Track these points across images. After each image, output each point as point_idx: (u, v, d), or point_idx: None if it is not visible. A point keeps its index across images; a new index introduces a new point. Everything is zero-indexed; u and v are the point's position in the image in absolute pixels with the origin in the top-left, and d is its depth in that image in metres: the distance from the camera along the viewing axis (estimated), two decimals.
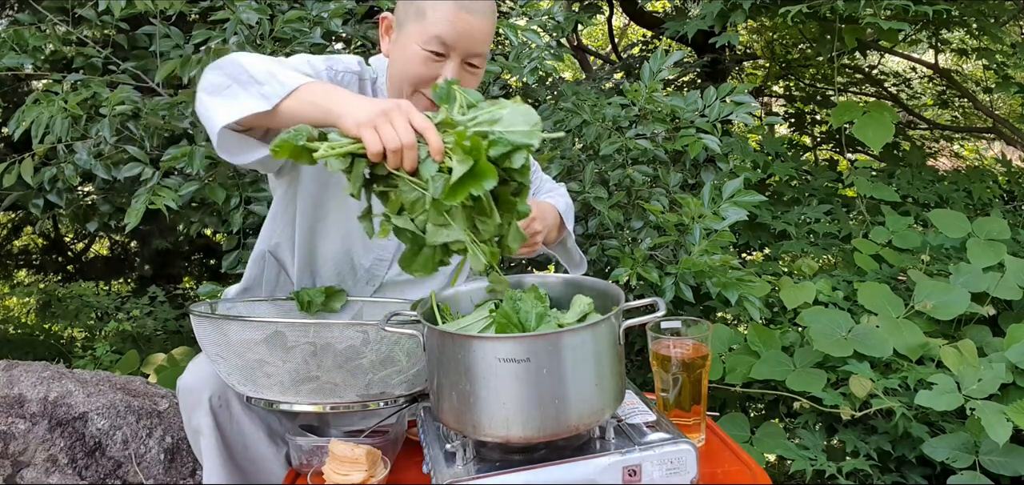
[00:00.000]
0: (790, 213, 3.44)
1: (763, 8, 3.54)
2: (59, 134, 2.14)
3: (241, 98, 1.22)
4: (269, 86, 1.21)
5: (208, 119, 1.26)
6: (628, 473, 1.17)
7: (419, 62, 1.38)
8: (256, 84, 1.22)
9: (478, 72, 1.44)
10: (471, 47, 1.38)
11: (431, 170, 1.10)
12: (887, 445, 2.19)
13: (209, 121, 1.26)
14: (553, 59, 2.50)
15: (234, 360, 1.32)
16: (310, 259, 1.58)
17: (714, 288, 2.12)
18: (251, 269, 1.63)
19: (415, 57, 1.38)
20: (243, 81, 1.23)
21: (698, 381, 1.37)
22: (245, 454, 1.46)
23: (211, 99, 1.26)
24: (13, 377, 2.07)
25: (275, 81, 1.21)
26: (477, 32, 1.38)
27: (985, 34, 4.05)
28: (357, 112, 1.12)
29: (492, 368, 1.11)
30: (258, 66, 1.24)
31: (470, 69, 1.42)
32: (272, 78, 1.22)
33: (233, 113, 1.22)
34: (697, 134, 2.22)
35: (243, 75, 1.23)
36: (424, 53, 1.37)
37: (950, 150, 6.13)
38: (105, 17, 2.36)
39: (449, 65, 1.38)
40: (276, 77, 1.22)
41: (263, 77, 1.22)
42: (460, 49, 1.37)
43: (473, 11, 1.37)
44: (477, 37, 1.38)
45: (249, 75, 1.23)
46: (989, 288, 2.50)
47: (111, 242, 5.17)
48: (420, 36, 1.37)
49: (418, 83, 1.39)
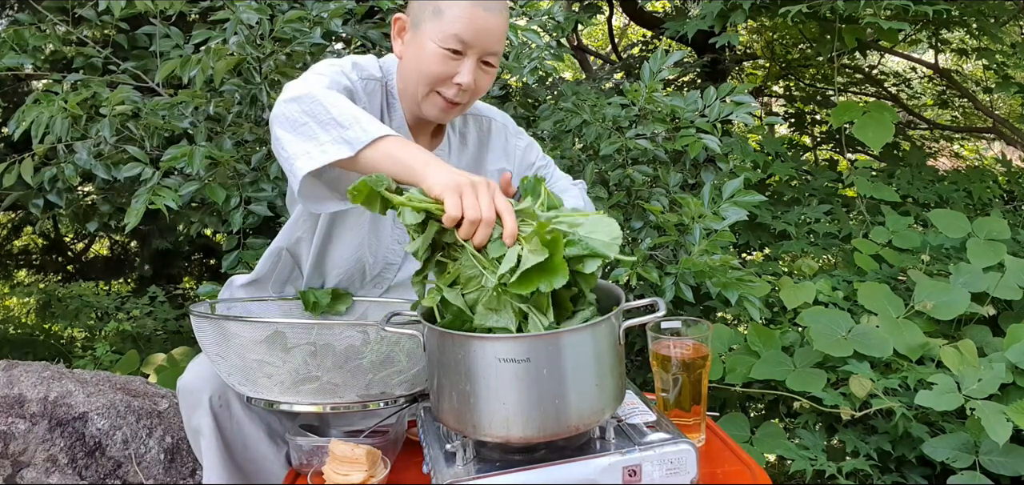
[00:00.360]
0: (790, 213, 3.44)
1: (763, 8, 3.54)
2: (59, 134, 2.14)
3: (321, 140, 1.20)
4: (352, 131, 1.18)
5: (288, 163, 1.23)
6: (628, 473, 1.17)
7: (437, 60, 1.38)
8: (338, 127, 1.19)
9: (493, 71, 1.45)
10: (488, 45, 1.39)
11: (497, 252, 1.09)
12: (887, 445, 2.19)
13: (289, 166, 1.23)
14: (553, 59, 2.50)
15: (234, 360, 1.32)
16: (322, 260, 1.59)
17: (714, 288, 2.12)
18: (264, 263, 1.63)
19: (432, 55, 1.38)
20: (323, 121, 1.20)
21: (698, 381, 1.37)
22: (245, 454, 1.46)
23: (289, 137, 1.23)
24: (13, 377, 2.07)
25: (358, 126, 1.19)
26: (494, 30, 1.39)
27: (985, 34, 4.05)
28: (443, 176, 1.11)
29: (492, 368, 1.11)
30: (340, 106, 1.21)
31: (486, 67, 1.43)
32: (355, 122, 1.19)
33: (316, 159, 1.19)
34: (697, 134, 2.22)
35: (323, 113, 1.21)
36: (442, 51, 1.38)
37: (950, 150, 6.13)
38: (105, 17, 2.36)
39: (466, 63, 1.39)
40: (359, 122, 1.19)
41: (346, 120, 1.19)
42: (478, 47, 1.38)
43: (490, 9, 1.38)
44: (494, 35, 1.39)
45: (330, 116, 1.20)
46: (989, 288, 2.50)
47: (111, 242, 5.17)
48: (437, 34, 1.37)
49: (435, 82, 1.40)
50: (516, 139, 1.67)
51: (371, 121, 1.21)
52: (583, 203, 1.67)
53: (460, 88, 1.40)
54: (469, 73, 1.39)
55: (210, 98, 2.19)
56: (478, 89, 1.44)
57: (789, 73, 5.24)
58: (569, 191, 1.68)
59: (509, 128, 1.67)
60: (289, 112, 1.24)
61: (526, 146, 1.68)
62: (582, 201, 1.69)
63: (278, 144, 1.26)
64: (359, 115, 1.21)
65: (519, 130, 1.69)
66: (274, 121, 1.27)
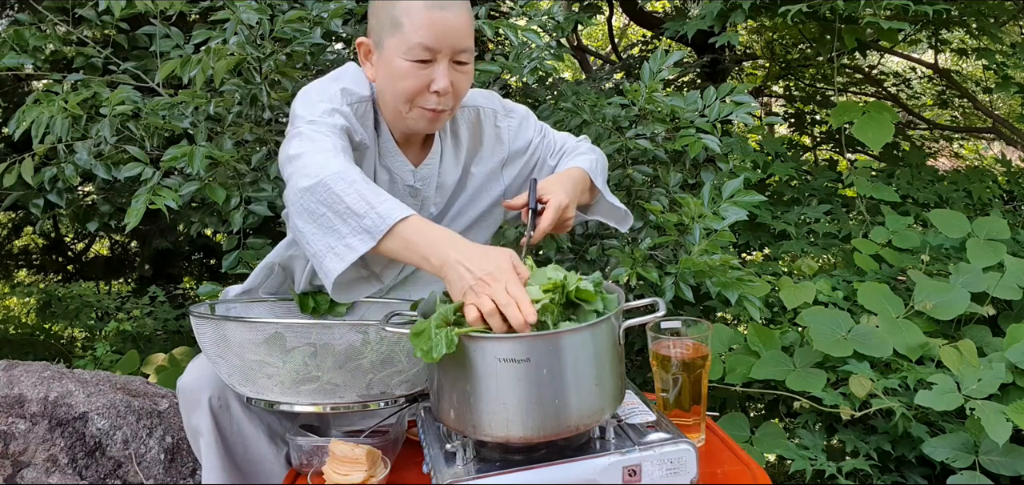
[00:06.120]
0: (790, 213, 3.44)
1: (763, 8, 3.54)
2: (59, 134, 2.14)
3: (342, 233, 1.20)
4: (368, 219, 1.19)
5: (316, 259, 1.24)
6: (628, 473, 1.17)
7: (408, 74, 1.36)
8: (355, 217, 1.19)
9: (467, 69, 1.41)
10: (455, 43, 1.36)
11: None
12: (887, 445, 2.19)
13: (318, 264, 1.24)
14: (553, 59, 2.50)
15: (234, 361, 1.32)
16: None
17: (714, 288, 2.12)
18: (257, 275, 1.63)
19: (402, 71, 1.36)
20: (340, 211, 1.20)
21: (698, 381, 1.37)
22: (245, 455, 1.46)
23: (309, 228, 1.23)
24: (13, 377, 2.07)
25: (374, 213, 1.19)
26: (457, 27, 1.36)
27: (985, 34, 4.05)
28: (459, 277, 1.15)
29: (492, 368, 1.11)
30: (349, 193, 1.20)
31: (460, 67, 1.39)
32: (370, 209, 1.19)
33: (345, 257, 1.20)
34: (697, 134, 2.22)
35: (337, 203, 1.20)
36: (410, 64, 1.35)
37: (950, 150, 6.12)
38: (105, 17, 2.36)
39: (438, 68, 1.36)
40: (375, 208, 1.19)
41: (360, 208, 1.19)
42: (445, 49, 1.35)
43: (447, 8, 1.35)
44: (458, 32, 1.36)
45: (346, 206, 1.20)
46: (989, 288, 2.50)
47: (111, 242, 5.17)
48: (401, 48, 1.35)
49: (412, 96, 1.38)
50: (507, 120, 1.60)
51: (384, 202, 1.20)
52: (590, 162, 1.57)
53: (438, 95, 1.37)
54: (444, 77, 1.36)
55: (210, 98, 2.18)
56: (458, 91, 1.41)
57: (789, 73, 5.23)
58: (573, 156, 1.59)
59: (498, 111, 1.60)
60: (306, 204, 1.23)
61: (519, 124, 1.61)
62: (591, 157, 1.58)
63: (302, 238, 1.26)
64: (372, 197, 1.20)
65: (509, 107, 1.62)
66: (292, 212, 1.26)
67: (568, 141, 1.65)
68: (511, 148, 1.60)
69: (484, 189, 1.60)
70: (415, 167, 1.50)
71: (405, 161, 1.49)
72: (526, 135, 1.61)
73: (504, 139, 1.59)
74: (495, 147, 1.59)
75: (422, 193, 1.52)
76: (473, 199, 1.60)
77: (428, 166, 1.52)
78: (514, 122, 1.61)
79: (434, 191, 1.54)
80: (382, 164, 1.48)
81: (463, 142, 1.57)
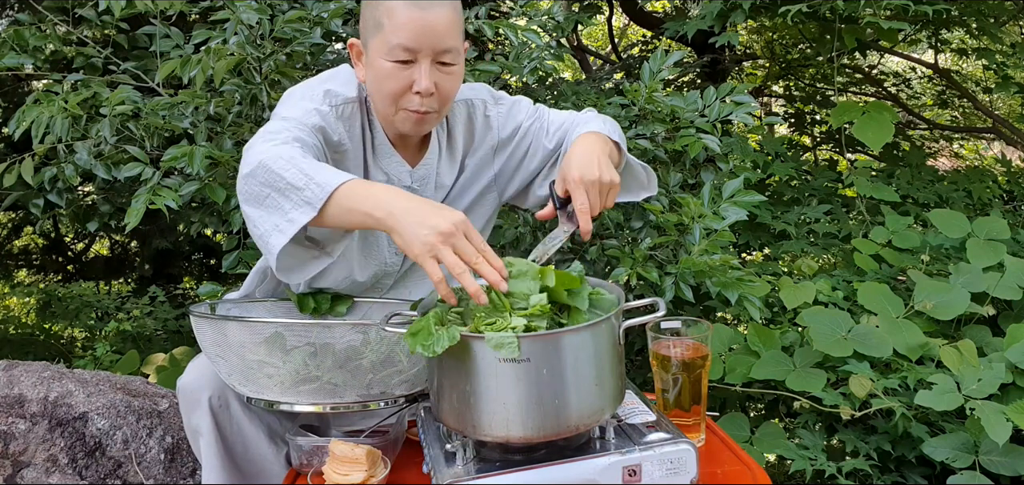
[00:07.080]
0: (790, 213, 3.44)
1: (763, 8, 3.54)
2: (59, 134, 2.14)
3: (285, 209, 1.19)
4: (308, 190, 1.18)
5: (261, 241, 1.24)
6: (628, 473, 1.17)
7: (390, 75, 1.35)
8: (295, 191, 1.18)
9: (453, 70, 1.39)
10: (437, 44, 1.34)
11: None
12: (887, 445, 2.19)
13: (263, 244, 1.23)
14: (553, 59, 2.50)
15: (234, 361, 1.32)
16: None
17: (714, 288, 2.12)
18: (252, 280, 1.64)
19: (385, 72, 1.35)
20: (280, 188, 1.19)
21: (698, 381, 1.37)
22: (245, 454, 1.46)
23: (256, 212, 1.23)
24: (13, 377, 2.07)
25: (313, 184, 1.18)
26: (438, 27, 1.34)
27: (985, 34, 4.05)
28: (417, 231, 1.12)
29: (492, 368, 1.11)
30: (288, 169, 1.19)
31: (445, 68, 1.37)
32: (309, 181, 1.18)
33: (286, 231, 1.19)
34: (697, 134, 2.22)
35: (278, 181, 1.19)
36: (391, 65, 1.34)
37: (950, 150, 6.12)
38: (105, 17, 2.36)
39: (420, 68, 1.34)
40: (313, 178, 1.18)
41: (299, 181, 1.18)
42: (426, 49, 1.34)
43: (428, 8, 1.33)
44: (440, 32, 1.34)
45: (285, 181, 1.19)
46: (989, 288, 2.50)
47: (111, 242, 5.17)
48: (383, 49, 1.34)
49: (396, 97, 1.37)
50: (496, 107, 1.58)
51: (323, 172, 1.19)
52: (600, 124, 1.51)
53: (421, 96, 1.35)
54: (426, 77, 1.34)
55: (210, 98, 2.18)
56: (443, 92, 1.38)
57: (789, 73, 5.23)
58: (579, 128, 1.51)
59: (487, 101, 1.58)
60: (249, 189, 1.23)
61: (509, 110, 1.59)
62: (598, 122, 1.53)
63: (250, 223, 1.25)
64: (310, 169, 1.19)
65: (499, 95, 1.60)
66: (240, 201, 1.26)
67: (569, 117, 1.59)
68: (500, 135, 1.59)
69: (475, 177, 1.60)
70: (412, 167, 1.50)
71: (401, 162, 1.49)
72: (516, 119, 1.59)
73: (494, 126, 1.58)
74: (486, 136, 1.59)
75: (420, 194, 1.52)
76: (464, 188, 1.60)
77: (425, 166, 1.52)
78: (503, 109, 1.59)
79: (433, 191, 1.54)
80: (378, 166, 1.48)
81: (459, 139, 1.57)
